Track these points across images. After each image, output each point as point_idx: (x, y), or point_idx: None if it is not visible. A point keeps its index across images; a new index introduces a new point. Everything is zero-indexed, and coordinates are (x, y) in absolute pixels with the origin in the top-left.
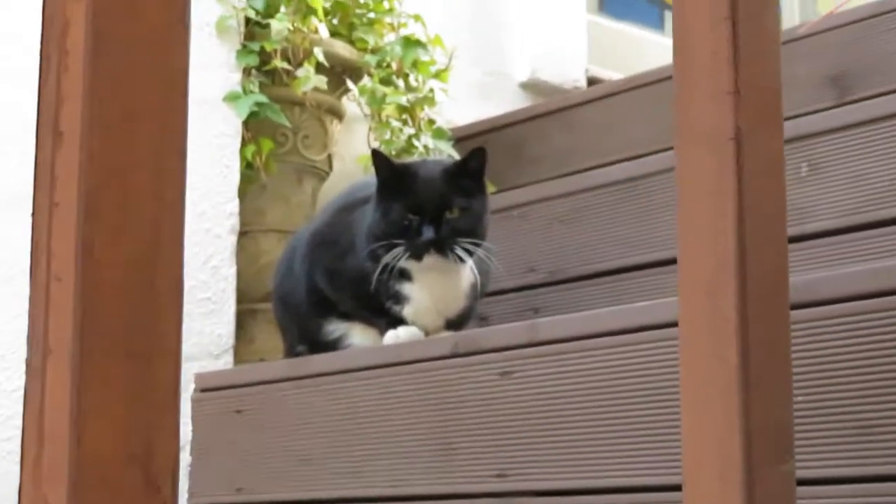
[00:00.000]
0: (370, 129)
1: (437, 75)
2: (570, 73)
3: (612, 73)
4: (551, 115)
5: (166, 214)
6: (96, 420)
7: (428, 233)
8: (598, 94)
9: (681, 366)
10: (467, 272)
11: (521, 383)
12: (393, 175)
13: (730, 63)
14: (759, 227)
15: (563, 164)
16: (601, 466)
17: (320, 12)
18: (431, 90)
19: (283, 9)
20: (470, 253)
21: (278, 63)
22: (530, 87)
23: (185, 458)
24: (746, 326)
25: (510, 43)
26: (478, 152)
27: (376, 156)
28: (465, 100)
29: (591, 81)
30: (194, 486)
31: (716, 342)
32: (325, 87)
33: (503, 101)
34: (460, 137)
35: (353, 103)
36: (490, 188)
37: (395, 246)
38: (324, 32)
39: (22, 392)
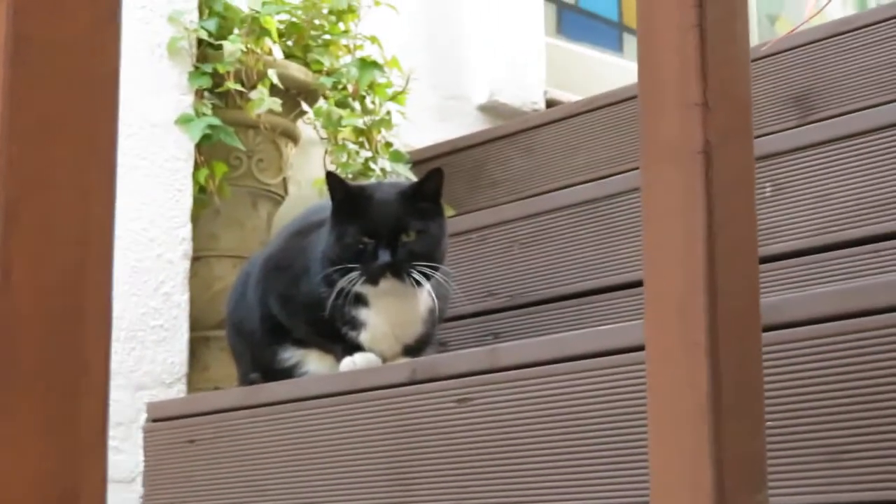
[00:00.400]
0: (326, 152)
1: (395, 98)
2: (528, 95)
3: (571, 96)
4: (510, 137)
5: (93, 234)
6: (9, 461)
7: (384, 256)
8: (558, 115)
9: (648, 392)
10: (425, 296)
11: (480, 411)
12: (348, 197)
13: (698, 73)
14: (731, 246)
15: (523, 187)
16: (561, 495)
17: (274, 34)
18: (388, 113)
19: (236, 30)
20: (427, 277)
21: (231, 85)
22: (489, 109)
23: (137, 489)
24: (717, 350)
25: (468, 65)
26: (434, 174)
27: (331, 178)
28: (423, 122)
29: (550, 104)
30: None
31: (686, 367)
32: (279, 109)
33: (462, 124)
34: (418, 160)
35: (308, 126)
36: (448, 211)
37: (351, 270)
38: (278, 54)
39: None
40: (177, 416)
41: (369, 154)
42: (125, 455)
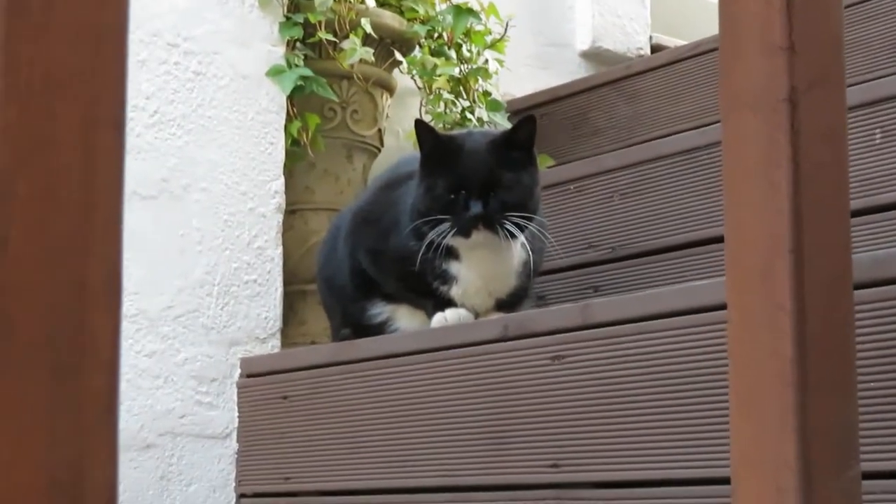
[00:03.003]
0: (422, 102)
1: (493, 45)
2: (633, 40)
3: (678, 41)
4: (613, 83)
5: (100, 198)
6: (9, 445)
7: (475, 208)
8: (662, 61)
9: (730, 359)
10: (518, 249)
11: (574, 368)
12: (437, 148)
13: (783, 13)
14: (819, 203)
15: (626, 136)
16: (658, 457)
17: None
18: (486, 61)
19: None
20: (521, 228)
21: (323, 35)
22: (592, 56)
23: (232, 445)
24: (804, 317)
25: (570, 10)
26: (526, 121)
27: (419, 126)
28: (523, 70)
29: (656, 49)
30: (242, 474)
31: (769, 333)
32: (371, 58)
33: (563, 72)
34: (518, 110)
35: (405, 76)
36: (548, 161)
37: (441, 222)
38: (371, 2)
39: None
40: (270, 372)
41: (466, 104)
42: (219, 410)
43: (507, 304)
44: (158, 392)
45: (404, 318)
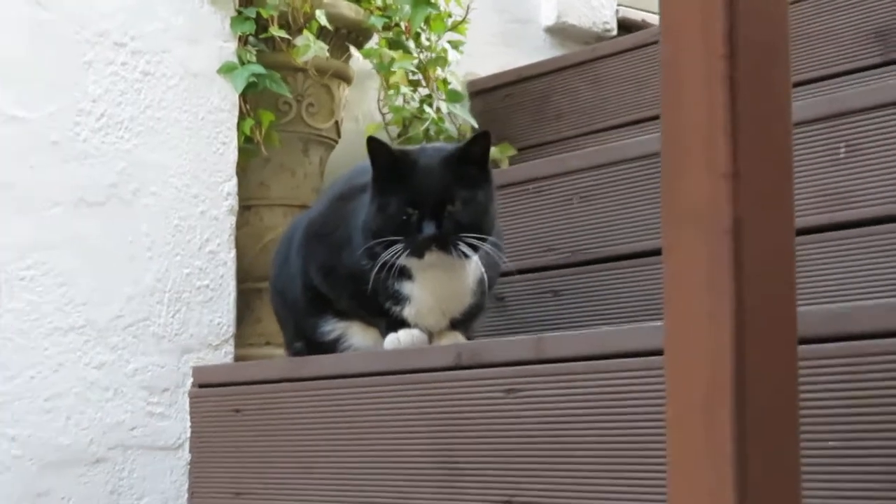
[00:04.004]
0: (379, 96)
1: (454, 28)
2: (599, 15)
3: (646, 16)
4: (578, 66)
5: None
6: None
7: (429, 229)
8: (628, 45)
9: (668, 500)
10: (473, 267)
11: (528, 403)
12: (390, 164)
13: (727, 133)
14: (763, 337)
15: (589, 120)
16: (612, 500)
17: None
18: (444, 50)
19: None
20: (475, 248)
21: (276, 32)
22: (557, 31)
23: (185, 456)
24: (745, 463)
25: None
26: (480, 137)
27: (371, 143)
28: (487, 49)
29: (623, 24)
30: (194, 486)
31: (711, 479)
32: (326, 55)
33: (528, 48)
34: (481, 90)
35: (367, 60)
36: (510, 150)
37: (394, 243)
38: None
39: (4, 398)
40: (222, 384)
41: (426, 92)
42: (171, 421)
43: (462, 322)
44: (108, 404)
45: (358, 336)
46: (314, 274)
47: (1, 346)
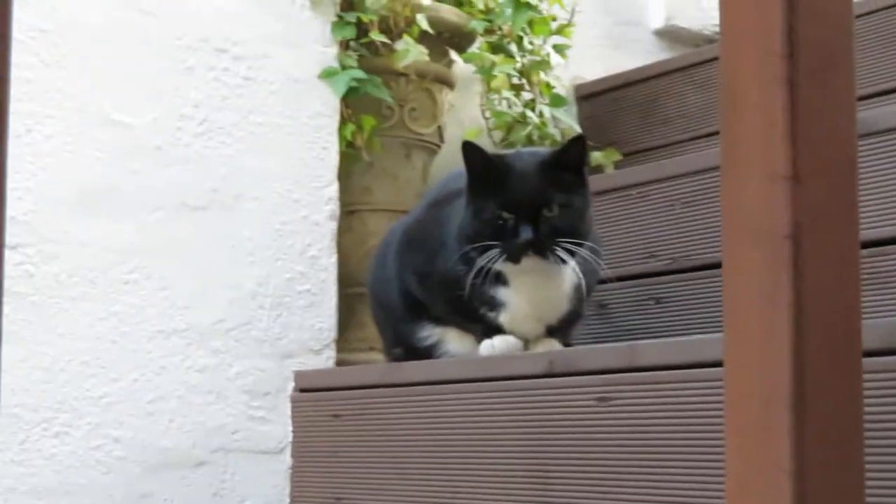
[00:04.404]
0: (481, 101)
1: (559, 31)
2: (709, 17)
3: None
4: (686, 70)
5: None
6: None
7: (525, 233)
8: None
9: None
10: (569, 273)
11: (620, 411)
12: (485, 169)
13: (786, 135)
14: (824, 352)
15: (698, 125)
16: None
17: None
18: (547, 54)
19: None
20: (572, 253)
21: (375, 36)
22: (665, 34)
23: (286, 460)
24: (804, 481)
25: None
26: (576, 142)
27: (467, 148)
28: (593, 52)
29: None
30: (295, 490)
31: (766, 495)
32: (426, 59)
33: (636, 51)
34: (588, 94)
35: (470, 65)
36: (615, 155)
37: (490, 248)
38: None
39: (108, 400)
40: (322, 388)
41: (529, 96)
42: (273, 425)
43: (558, 329)
44: (210, 408)
45: (454, 342)
46: (410, 280)
47: (105, 349)
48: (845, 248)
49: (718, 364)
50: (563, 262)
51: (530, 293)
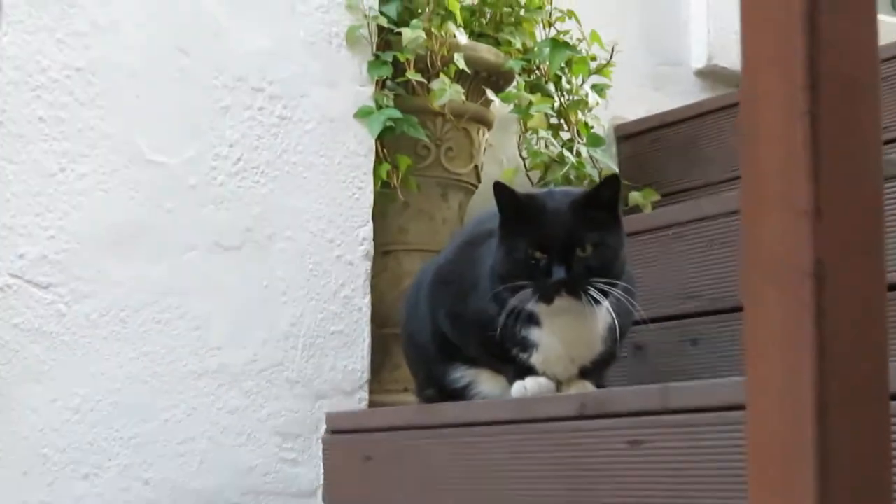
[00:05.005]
0: (519, 140)
1: (599, 71)
2: None
3: None
4: (725, 110)
5: None
6: None
7: (558, 273)
8: None
9: None
10: (603, 314)
11: (652, 455)
12: (517, 209)
13: (808, 168)
14: (849, 398)
15: (738, 165)
16: None
17: (458, 16)
18: (586, 94)
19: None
20: (605, 294)
21: (412, 76)
22: (708, 74)
23: (318, 502)
24: None
25: (685, 28)
26: (610, 180)
27: (498, 188)
28: (634, 92)
29: None
30: None
31: None
32: (461, 98)
33: (678, 92)
34: (629, 134)
35: (508, 105)
36: (653, 195)
37: (522, 287)
38: (462, 38)
39: (138, 441)
40: (353, 430)
41: (567, 136)
42: (304, 467)
43: (591, 371)
44: (241, 449)
45: (486, 383)
46: (442, 320)
47: (136, 390)
48: (871, 286)
49: None
50: (597, 302)
51: (563, 334)
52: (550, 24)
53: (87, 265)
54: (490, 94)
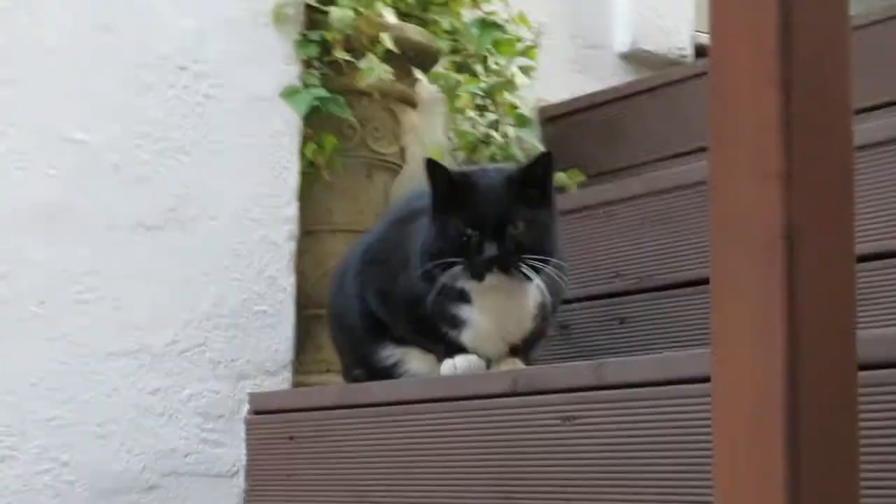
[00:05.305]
0: (446, 120)
1: (525, 53)
2: (674, 41)
3: None
4: (650, 91)
5: None
6: None
7: (490, 250)
8: (700, 69)
9: None
10: (534, 291)
11: (586, 431)
12: (449, 186)
13: (779, 130)
14: (819, 363)
15: (663, 147)
16: None
17: None
18: (513, 74)
19: None
20: (537, 271)
21: (339, 55)
22: (631, 58)
23: (240, 483)
24: (798, 489)
25: (610, 11)
26: (543, 158)
27: (430, 165)
28: (559, 75)
29: (699, 50)
30: None
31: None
32: (390, 78)
33: (601, 75)
34: (553, 116)
35: (434, 86)
36: (579, 176)
37: (453, 265)
38: (390, 18)
39: (57, 422)
40: (278, 410)
41: (494, 117)
42: (226, 448)
43: (522, 349)
44: (162, 430)
45: (415, 362)
46: (371, 299)
47: (55, 371)
48: (842, 249)
49: (689, 381)
50: (529, 279)
51: (494, 311)
52: (477, 5)
53: (5, 245)
54: (418, 73)
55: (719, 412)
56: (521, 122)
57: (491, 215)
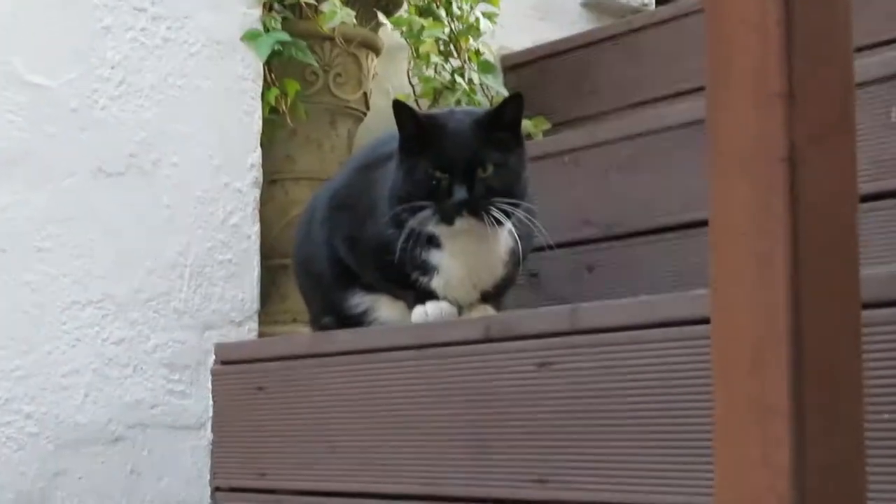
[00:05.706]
0: (409, 66)
1: None
2: None
3: None
4: (614, 38)
5: None
6: None
7: (460, 193)
8: (667, 15)
9: (715, 465)
10: (505, 236)
11: (562, 376)
12: (417, 129)
13: (781, 51)
14: (822, 285)
15: (627, 95)
16: (652, 480)
17: None
18: (477, 19)
19: None
20: (508, 215)
21: None
22: (593, 6)
23: (207, 435)
24: (802, 423)
25: None
26: (513, 100)
27: (398, 107)
28: (521, 23)
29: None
30: (217, 467)
31: (759, 442)
32: (353, 21)
33: (563, 23)
34: (515, 64)
35: (396, 31)
36: (544, 124)
37: (422, 209)
38: None
39: (20, 373)
40: (245, 360)
41: (457, 63)
42: (193, 399)
43: (493, 295)
44: (127, 381)
45: (385, 309)
46: (339, 246)
47: (17, 320)
48: (844, 171)
49: (666, 324)
50: (499, 223)
51: (464, 257)
52: None
53: None
54: (382, 17)
55: (719, 341)
56: (486, 68)
57: (461, 158)
